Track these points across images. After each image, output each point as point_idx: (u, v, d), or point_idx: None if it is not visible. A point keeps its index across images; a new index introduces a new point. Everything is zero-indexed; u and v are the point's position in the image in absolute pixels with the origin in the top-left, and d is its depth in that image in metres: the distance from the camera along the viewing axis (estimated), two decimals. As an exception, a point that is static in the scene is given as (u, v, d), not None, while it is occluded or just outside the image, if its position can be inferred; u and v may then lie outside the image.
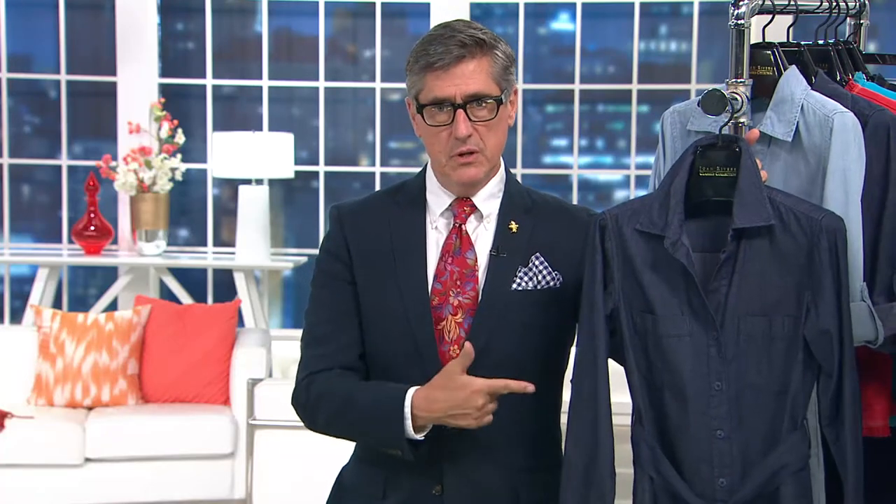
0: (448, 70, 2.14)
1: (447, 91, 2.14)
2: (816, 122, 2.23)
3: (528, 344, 2.21)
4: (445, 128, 2.16)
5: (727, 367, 2.09)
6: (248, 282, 6.67)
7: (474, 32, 2.15)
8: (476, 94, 2.15)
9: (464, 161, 2.18)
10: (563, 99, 7.67)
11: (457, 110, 2.15)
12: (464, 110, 2.15)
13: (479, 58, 2.15)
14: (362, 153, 7.73)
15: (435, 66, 2.14)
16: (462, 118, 2.14)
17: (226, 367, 5.50)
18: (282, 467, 4.35)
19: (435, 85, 2.15)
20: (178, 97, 7.43)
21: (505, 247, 2.22)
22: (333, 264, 2.29)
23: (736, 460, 2.09)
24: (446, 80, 2.14)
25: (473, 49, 2.14)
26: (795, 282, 2.08)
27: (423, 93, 2.17)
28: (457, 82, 2.14)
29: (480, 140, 2.17)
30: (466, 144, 2.16)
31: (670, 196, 2.12)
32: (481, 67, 2.15)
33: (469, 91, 2.14)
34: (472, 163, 2.18)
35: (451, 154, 2.18)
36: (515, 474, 2.22)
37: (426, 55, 2.15)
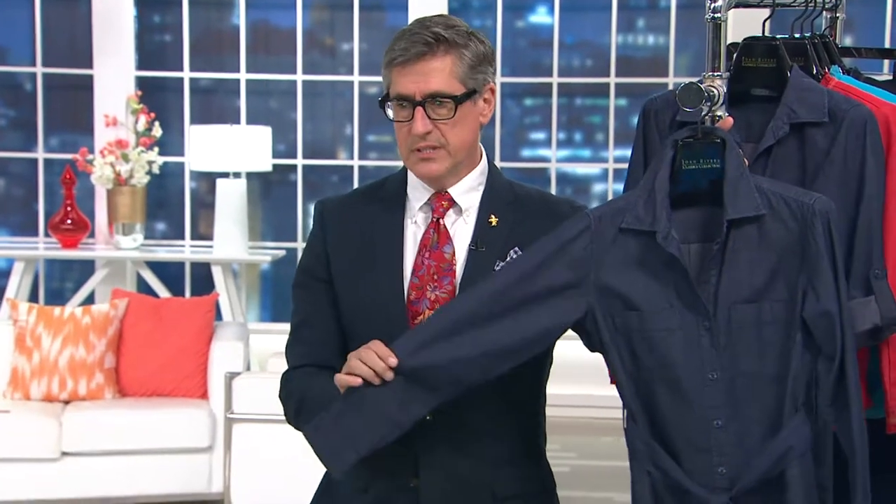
0: (409, 67, 2.14)
1: (408, 88, 2.15)
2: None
3: None
4: (407, 123, 2.17)
5: (721, 357, 2.09)
6: (225, 275, 6.66)
7: (440, 31, 2.15)
8: (436, 92, 2.15)
9: (423, 156, 2.19)
10: (541, 92, 7.68)
11: (416, 107, 2.15)
12: (423, 108, 2.15)
13: (442, 56, 2.15)
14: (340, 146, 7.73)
15: (397, 61, 2.15)
16: (420, 115, 2.15)
17: (203, 360, 5.48)
18: (259, 461, 4.35)
19: (398, 81, 2.16)
20: (154, 90, 7.40)
21: (484, 241, 2.22)
22: (311, 261, 2.30)
23: (735, 448, 2.10)
24: (407, 77, 2.14)
25: (436, 47, 2.14)
26: (785, 267, 2.09)
27: (390, 88, 2.18)
28: (417, 79, 2.14)
29: (442, 136, 2.17)
30: (425, 141, 2.17)
31: (655, 191, 2.12)
32: (444, 66, 2.15)
33: (429, 89, 2.14)
34: (433, 158, 2.19)
35: (411, 148, 2.19)
36: (492, 467, 2.22)
37: (392, 51, 2.16)
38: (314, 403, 2.17)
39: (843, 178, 2.31)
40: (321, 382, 2.17)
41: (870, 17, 7.27)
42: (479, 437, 2.20)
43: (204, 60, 7.54)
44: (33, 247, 6.99)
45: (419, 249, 2.22)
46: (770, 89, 2.43)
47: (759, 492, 2.09)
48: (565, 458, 6.11)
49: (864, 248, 2.29)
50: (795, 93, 2.36)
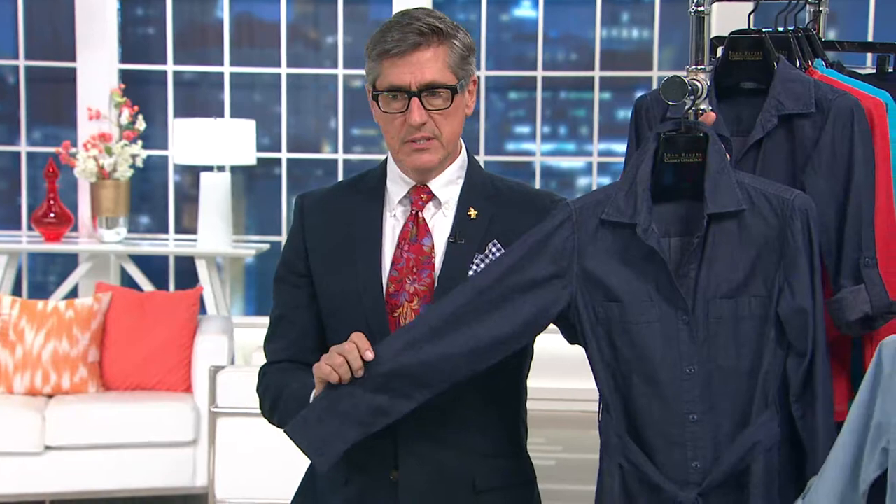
0: (404, 58, 2.13)
1: (403, 79, 2.14)
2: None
3: None
4: (400, 115, 2.16)
5: (698, 351, 2.10)
6: (209, 269, 6.65)
7: (432, 21, 2.15)
8: (431, 82, 2.15)
9: (417, 147, 2.18)
10: (525, 86, 7.68)
11: (411, 98, 2.15)
12: (419, 98, 2.14)
13: (435, 46, 2.15)
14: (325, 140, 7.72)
15: (391, 53, 2.14)
16: (416, 106, 2.14)
17: (187, 354, 5.47)
18: (244, 455, 4.34)
19: (391, 72, 2.15)
20: (138, 83, 7.38)
21: (463, 233, 2.22)
22: (290, 256, 2.30)
23: (708, 442, 2.11)
24: (402, 68, 2.14)
25: (430, 37, 2.14)
26: (764, 263, 2.10)
27: (380, 80, 2.17)
28: (412, 70, 2.14)
29: (436, 127, 2.17)
30: (420, 132, 2.16)
31: (636, 184, 2.13)
32: (438, 56, 2.15)
33: (425, 80, 2.14)
34: (427, 149, 2.19)
35: (404, 140, 2.18)
36: (473, 460, 2.22)
37: (383, 42, 2.15)
38: (289, 400, 2.17)
39: (832, 167, 2.31)
40: (296, 379, 2.16)
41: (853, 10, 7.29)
42: (460, 429, 2.20)
43: (187, 53, 7.51)
44: (16, 240, 6.96)
45: (398, 242, 2.22)
46: (758, 82, 2.43)
47: (725, 486, 2.10)
48: (551, 452, 6.12)
49: (853, 236, 2.30)
50: (782, 85, 2.37)
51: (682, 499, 2.08)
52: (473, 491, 2.22)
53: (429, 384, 2.10)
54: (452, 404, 2.14)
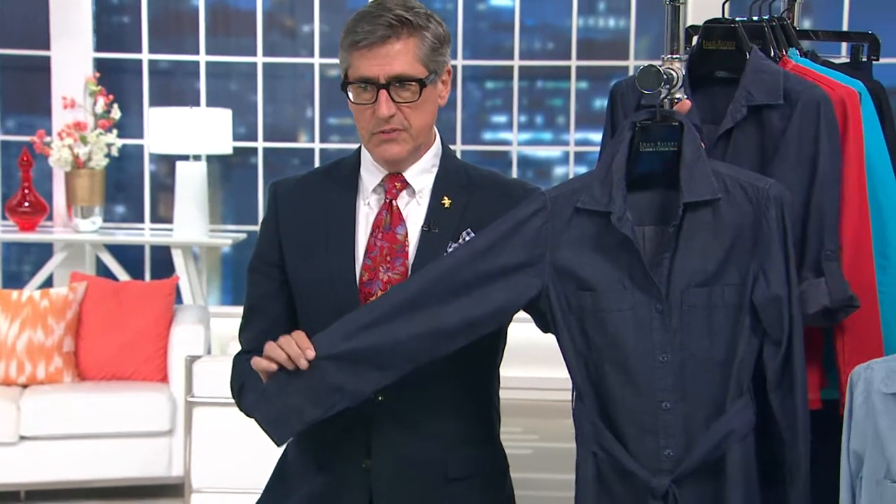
0: (372, 50, 2.13)
1: (372, 70, 2.14)
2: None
3: None
4: (370, 106, 2.16)
5: (672, 339, 2.11)
6: (186, 258, 6.63)
7: (402, 13, 2.14)
8: (400, 75, 2.14)
9: (386, 137, 2.18)
10: (502, 75, 7.68)
11: (380, 90, 2.14)
12: (387, 90, 2.14)
13: (405, 38, 2.14)
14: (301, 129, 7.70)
15: (360, 45, 2.14)
16: (384, 98, 2.14)
17: (163, 344, 5.45)
18: (220, 444, 4.33)
19: (360, 64, 2.14)
20: (113, 72, 7.34)
21: (437, 222, 2.22)
22: (263, 244, 2.31)
23: (681, 430, 2.11)
24: (371, 60, 2.13)
25: (400, 29, 2.13)
26: (738, 251, 2.10)
27: (351, 70, 2.17)
28: (381, 62, 2.13)
29: (405, 119, 2.17)
30: (389, 123, 2.16)
31: (612, 172, 2.13)
32: (407, 48, 2.14)
33: (393, 72, 2.14)
34: (395, 140, 2.18)
35: (373, 131, 2.18)
36: (446, 448, 2.22)
37: (353, 33, 2.14)
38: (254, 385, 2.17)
39: (798, 159, 2.33)
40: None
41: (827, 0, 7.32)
42: (433, 417, 2.20)
43: (163, 42, 7.48)
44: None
45: (372, 230, 2.22)
46: (731, 72, 2.44)
47: (700, 473, 2.11)
48: (527, 441, 6.14)
49: (816, 229, 2.31)
50: (753, 75, 2.38)
51: (655, 486, 2.09)
52: (446, 479, 2.22)
53: (389, 365, 2.10)
54: (426, 392, 2.14)
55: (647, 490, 2.10)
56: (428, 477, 2.21)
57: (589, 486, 2.14)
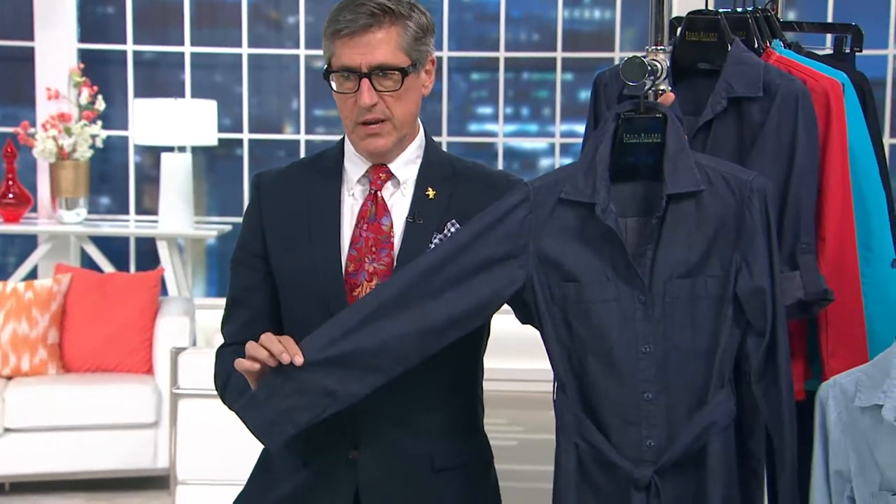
0: (354, 38, 2.13)
1: (354, 59, 2.13)
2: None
3: None
4: (352, 95, 2.16)
5: (655, 330, 2.11)
6: (171, 250, 6.62)
7: (385, 2, 2.13)
8: (382, 64, 2.14)
9: (370, 131, 2.18)
10: (487, 67, 7.68)
11: (362, 79, 2.14)
12: (369, 79, 2.14)
13: (387, 27, 2.14)
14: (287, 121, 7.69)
15: (342, 33, 2.13)
16: (366, 87, 2.14)
17: (148, 336, 5.45)
18: (206, 436, 4.33)
19: (343, 52, 2.14)
20: (97, 63, 7.31)
21: (421, 213, 2.22)
22: (246, 236, 2.30)
23: (663, 421, 2.12)
24: (353, 49, 2.13)
25: (382, 18, 2.13)
26: (720, 243, 2.11)
27: (333, 59, 2.17)
28: (363, 51, 2.13)
29: (387, 109, 2.17)
30: (371, 113, 2.16)
31: (595, 163, 2.13)
32: (390, 37, 2.14)
33: (375, 61, 2.13)
34: (379, 133, 2.18)
35: (356, 121, 2.18)
36: (431, 438, 2.23)
37: (336, 22, 2.14)
38: (235, 382, 2.17)
39: (776, 152, 2.33)
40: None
41: (813, -8, 7.33)
42: (419, 408, 2.20)
43: (147, 33, 7.45)
44: (-26, 222, 6.89)
45: (357, 222, 2.21)
46: (713, 63, 2.45)
47: (682, 464, 2.11)
48: (512, 433, 6.14)
49: (792, 222, 2.32)
50: (734, 67, 2.38)
51: (638, 476, 2.10)
52: (433, 470, 2.22)
53: (380, 367, 2.09)
54: (411, 383, 2.14)
55: (630, 481, 2.10)
56: (414, 468, 2.21)
57: (570, 477, 2.14)
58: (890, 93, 7.26)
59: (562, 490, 2.16)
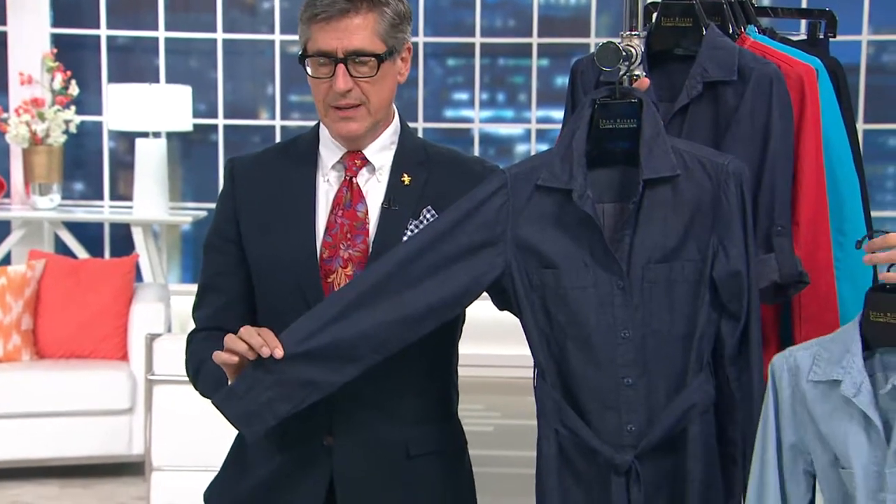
0: (331, 23, 2.12)
1: (330, 44, 2.13)
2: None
3: None
4: (327, 80, 2.15)
5: (633, 315, 2.12)
6: (146, 236, 6.59)
7: None
8: (358, 50, 2.13)
9: (344, 115, 2.17)
10: (463, 52, 7.67)
11: (337, 64, 2.13)
12: (344, 65, 2.13)
13: (364, 13, 2.13)
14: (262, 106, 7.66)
15: (319, 17, 2.12)
16: (342, 73, 2.13)
17: (123, 322, 5.43)
18: (181, 422, 4.32)
19: (319, 37, 2.13)
20: (70, 48, 7.27)
21: (397, 199, 2.21)
22: (220, 222, 2.29)
23: (642, 406, 2.12)
24: (330, 34, 2.12)
25: (359, 4, 2.12)
26: (697, 227, 2.11)
27: (310, 43, 2.16)
28: (339, 36, 2.12)
29: (362, 94, 2.16)
30: (346, 99, 2.15)
31: (572, 150, 2.13)
32: (367, 23, 2.13)
33: (351, 46, 2.13)
34: (353, 117, 2.17)
35: (330, 105, 2.17)
36: (406, 425, 2.22)
37: (313, 6, 2.13)
38: (209, 371, 2.15)
39: (750, 135, 2.34)
40: (218, 349, 2.12)
41: (788, -21, 7.35)
42: (393, 394, 2.20)
43: (121, 18, 7.41)
44: (-53, 207, 6.85)
45: (332, 208, 2.21)
46: (688, 48, 2.45)
47: (662, 449, 2.12)
48: (489, 418, 6.16)
49: (767, 205, 2.32)
50: (709, 51, 2.39)
51: (618, 462, 2.10)
52: (407, 456, 2.22)
53: (360, 356, 2.09)
54: (386, 369, 2.14)
55: (610, 466, 2.11)
56: (389, 454, 2.21)
57: (551, 462, 2.15)
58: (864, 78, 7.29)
59: (543, 476, 2.16)
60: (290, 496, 2.22)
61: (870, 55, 7.36)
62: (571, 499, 2.16)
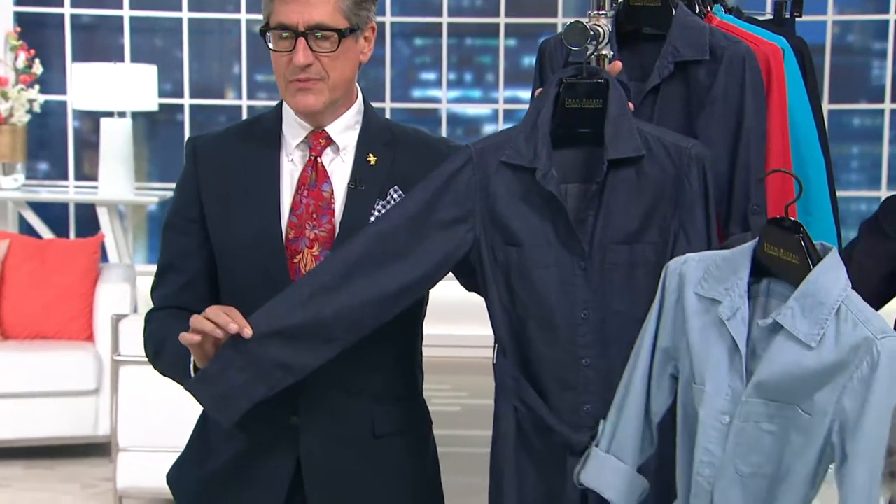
0: None
1: (291, 18, 2.11)
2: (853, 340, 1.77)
3: None
4: (287, 54, 2.14)
5: (593, 296, 2.12)
6: (111, 216, 6.55)
7: None
8: (319, 24, 2.12)
9: (301, 87, 2.15)
10: (430, 32, 7.65)
11: (298, 38, 2.12)
12: (305, 39, 2.12)
13: None
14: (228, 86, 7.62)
15: None
16: (302, 46, 2.12)
17: (89, 302, 5.40)
18: (147, 403, 4.31)
19: (281, 10, 2.12)
20: (34, 26, 7.20)
21: (363, 179, 2.20)
22: (181, 201, 2.27)
23: (600, 387, 2.12)
24: (291, 6, 2.11)
25: None
26: (660, 210, 2.11)
27: (272, 17, 2.15)
28: (301, 10, 2.11)
29: (322, 69, 2.15)
30: (305, 73, 2.14)
31: (537, 128, 2.12)
32: None
33: (312, 20, 2.11)
34: (311, 89, 2.15)
35: (289, 79, 2.16)
36: (372, 404, 2.22)
37: None
38: (171, 348, 2.13)
39: (724, 114, 2.34)
40: (180, 327, 2.11)
41: (755, -41, 7.37)
42: (359, 373, 2.19)
43: (86, -4, 7.35)
44: None
45: (297, 188, 2.19)
46: (657, 28, 2.45)
47: None
48: (457, 398, 6.17)
49: (742, 183, 2.33)
50: (679, 31, 2.39)
51: (575, 442, 2.11)
52: (373, 435, 2.22)
53: (334, 337, 2.08)
54: (351, 348, 2.13)
55: (566, 446, 2.11)
56: (355, 433, 2.21)
57: (508, 440, 2.15)
58: (829, 58, 7.33)
59: (499, 453, 2.16)
60: (255, 477, 2.21)
61: (835, 35, 7.40)
62: (526, 477, 2.16)
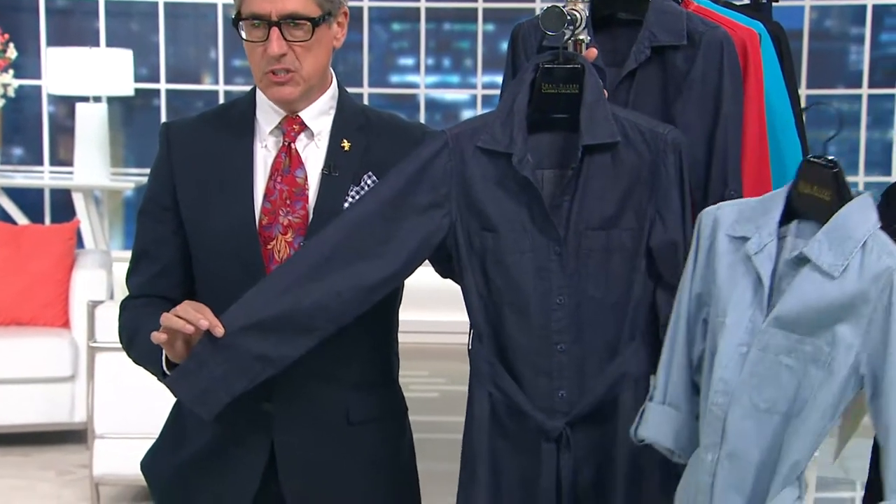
0: None
1: (263, 7, 2.10)
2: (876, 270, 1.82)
3: None
4: (261, 44, 2.12)
5: (568, 282, 2.12)
6: (87, 202, 6.52)
7: None
8: (292, 13, 2.10)
9: (277, 80, 2.14)
10: (408, 17, 7.63)
11: (271, 28, 2.11)
12: (278, 28, 2.11)
13: None
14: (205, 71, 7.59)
15: None
16: (276, 36, 2.10)
17: (64, 288, 5.37)
18: (123, 390, 4.29)
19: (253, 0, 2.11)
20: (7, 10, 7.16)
21: (337, 165, 2.19)
22: (154, 188, 2.25)
23: (575, 372, 2.13)
24: None
25: None
26: (636, 196, 2.11)
27: (243, 6, 2.13)
28: None
29: (296, 60, 2.13)
30: (280, 63, 2.13)
31: (513, 113, 2.12)
32: None
33: (285, 10, 2.10)
34: (286, 82, 2.14)
35: (264, 70, 2.14)
36: (346, 391, 2.21)
37: None
38: (143, 341, 2.11)
39: (702, 100, 2.34)
40: (153, 320, 2.09)
41: (732, -55, 7.37)
42: (333, 360, 2.18)
43: (60, -20, 7.31)
44: None
45: (270, 174, 2.18)
46: (633, 13, 2.44)
47: (594, 416, 2.12)
48: (435, 384, 6.17)
49: (719, 169, 2.33)
50: (656, 16, 2.38)
51: (549, 428, 2.11)
52: (348, 422, 2.21)
53: (315, 327, 2.07)
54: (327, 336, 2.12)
55: (541, 432, 2.12)
56: (329, 420, 2.20)
57: (482, 425, 2.15)
58: (806, 44, 7.35)
59: (473, 439, 2.17)
60: (229, 464, 2.20)
61: (812, 20, 7.41)
62: (501, 463, 2.16)
